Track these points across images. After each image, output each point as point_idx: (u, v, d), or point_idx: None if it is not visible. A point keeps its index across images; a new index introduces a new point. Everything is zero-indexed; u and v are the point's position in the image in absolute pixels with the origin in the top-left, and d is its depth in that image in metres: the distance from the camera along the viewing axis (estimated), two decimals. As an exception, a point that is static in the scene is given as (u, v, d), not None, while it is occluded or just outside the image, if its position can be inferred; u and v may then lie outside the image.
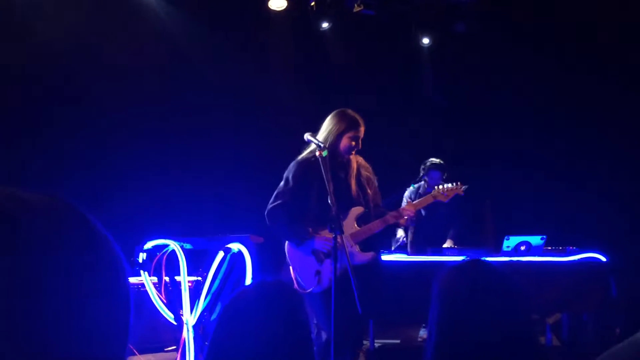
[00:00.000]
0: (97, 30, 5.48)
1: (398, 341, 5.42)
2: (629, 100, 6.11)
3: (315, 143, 3.26)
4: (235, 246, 3.28)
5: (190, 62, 5.96)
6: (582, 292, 4.67)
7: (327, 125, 3.43)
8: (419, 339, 5.46)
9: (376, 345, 4.83)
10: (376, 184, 3.58)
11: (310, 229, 3.32)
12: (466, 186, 3.76)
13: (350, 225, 3.38)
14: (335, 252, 3.03)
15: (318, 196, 3.30)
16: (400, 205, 5.61)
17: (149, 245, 3.37)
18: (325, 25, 6.92)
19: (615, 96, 6.18)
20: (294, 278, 3.36)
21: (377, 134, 6.84)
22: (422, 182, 5.53)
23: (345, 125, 3.38)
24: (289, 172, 3.41)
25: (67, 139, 5.48)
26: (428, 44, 7.41)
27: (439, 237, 5.49)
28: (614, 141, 6.26)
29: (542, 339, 5.17)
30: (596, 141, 6.39)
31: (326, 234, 3.28)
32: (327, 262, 3.27)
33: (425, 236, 5.53)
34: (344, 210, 3.36)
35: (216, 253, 3.27)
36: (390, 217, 3.43)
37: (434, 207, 5.55)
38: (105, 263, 0.75)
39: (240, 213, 5.13)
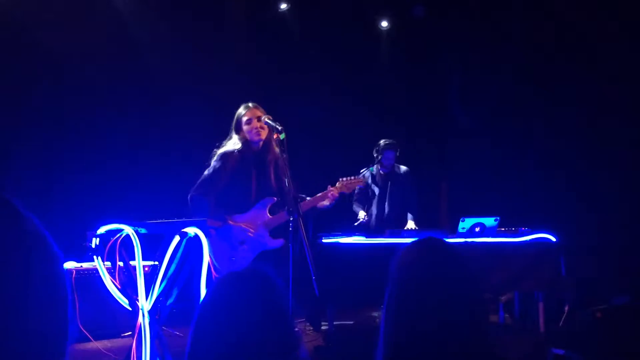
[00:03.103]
0: (38, 10, 5.27)
1: (355, 323, 5.48)
2: (582, 81, 6.25)
3: (272, 126, 3.47)
4: (191, 230, 3.23)
5: (143, 43, 5.80)
6: (533, 271, 4.80)
7: (233, 121, 3.75)
8: (376, 320, 5.54)
9: (335, 326, 4.87)
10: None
11: (228, 217, 3.58)
12: (364, 180, 4.15)
13: (262, 213, 3.64)
14: (295, 234, 3.11)
15: (240, 185, 3.61)
16: (354, 192, 5.66)
17: (102, 230, 3.28)
18: (283, 6, 6.85)
19: (568, 76, 6.33)
20: (210, 263, 3.40)
21: (334, 115, 6.90)
22: (376, 165, 5.59)
23: (240, 112, 3.71)
24: (215, 162, 3.64)
25: (18, 123, 5.28)
26: (387, 27, 7.43)
27: (394, 215, 5.59)
28: (564, 122, 6.42)
29: (496, 317, 5.33)
30: (547, 123, 6.55)
31: (244, 222, 3.58)
32: (242, 249, 3.57)
33: (380, 215, 5.63)
34: (259, 199, 3.64)
35: (172, 237, 3.20)
36: (308, 202, 3.68)
37: (387, 186, 5.64)
38: (33, 249, 0.73)
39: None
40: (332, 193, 3.74)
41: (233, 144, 3.69)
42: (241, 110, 3.72)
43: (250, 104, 3.72)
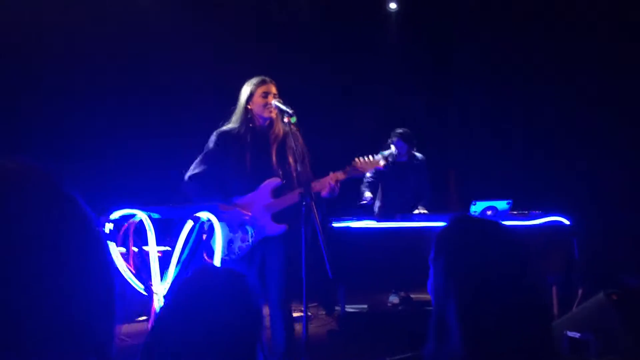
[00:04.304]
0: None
1: (368, 306, 5.49)
2: (593, 67, 6.19)
3: (282, 109, 3.28)
4: (204, 215, 3.23)
5: (153, 27, 5.77)
6: (546, 254, 4.78)
7: (240, 94, 3.47)
8: (388, 304, 5.54)
9: (346, 310, 4.89)
10: (307, 159, 3.47)
11: (226, 199, 3.35)
12: (384, 161, 3.61)
13: (264, 196, 3.35)
14: (307, 218, 3.05)
15: (237, 167, 3.36)
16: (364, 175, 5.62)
17: (115, 215, 3.29)
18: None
19: (580, 62, 6.25)
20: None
21: (342, 99, 6.86)
22: (391, 151, 5.51)
23: (253, 84, 3.42)
24: (210, 142, 3.44)
25: (31, 107, 5.29)
26: (395, 9, 7.36)
27: (406, 204, 5.52)
28: (576, 106, 6.35)
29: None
30: (558, 106, 6.48)
31: (241, 205, 3.34)
32: (239, 233, 3.35)
33: (394, 203, 5.56)
34: (260, 180, 3.36)
35: (185, 222, 3.21)
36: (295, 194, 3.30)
37: (402, 175, 5.59)
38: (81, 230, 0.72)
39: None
40: (331, 181, 3.32)
41: (235, 120, 3.45)
42: (255, 81, 3.43)
43: (265, 78, 3.44)
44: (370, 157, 3.51)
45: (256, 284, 1.44)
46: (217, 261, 3.20)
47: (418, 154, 5.62)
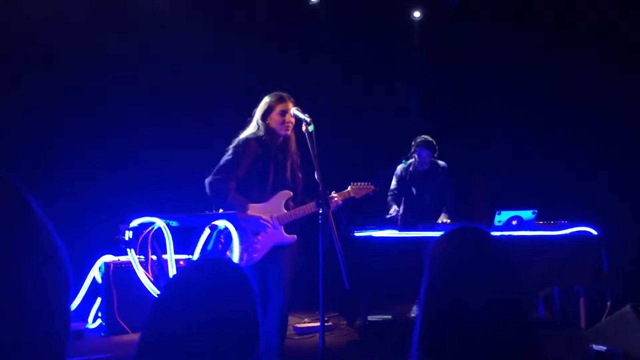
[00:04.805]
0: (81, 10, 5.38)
1: (389, 317, 5.42)
2: (620, 78, 6.05)
3: (301, 118, 3.29)
4: (221, 223, 3.24)
5: (176, 37, 5.85)
6: (573, 265, 4.67)
7: (258, 107, 3.58)
8: (412, 315, 5.46)
9: (369, 320, 4.83)
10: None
11: (248, 206, 3.46)
12: (377, 188, 3.91)
13: (277, 207, 3.52)
14: (324, 226, 3.04)
15: (259, 174, 3.49)
16: (391, 182, 5.59)
17: (134, 223, 3.33)
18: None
19: (607, 73, 6.12)
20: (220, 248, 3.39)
21: (366, 107, 6.84)
22: (413, 159, 5.45)
23: (273, 100, 3.52)
24: (236, 147, 3.50)
25: (53, 117, 5.39)
26: (419, 17, 7.32)
27: (429, 213, 5.44)
28: (604, 115, 6.20)
29: (535, 313, 5.19)
30: (586, 116, 6.34)
31: (262, 214, 3.46)
32: (255, 240, 3.45)
33: (416, 213, 5.48)
34: (275, 192, 3.53)
35: (203, 230, 3.23)
36: (310, 206, 3.53)
37: (425, 184, 5.52)
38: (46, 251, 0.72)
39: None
40: (336, 200, 3.60)
41: (255, 131, 3.54)
42: (274, 98, 3.53)
43: (284, 95, 3.54)
44: (365, 183, 3.79)
45: (255, 283, 1.43)
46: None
47: (440, 162, 5.54)
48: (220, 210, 3.43)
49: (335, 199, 3.61)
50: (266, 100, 3.56)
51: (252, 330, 1.34)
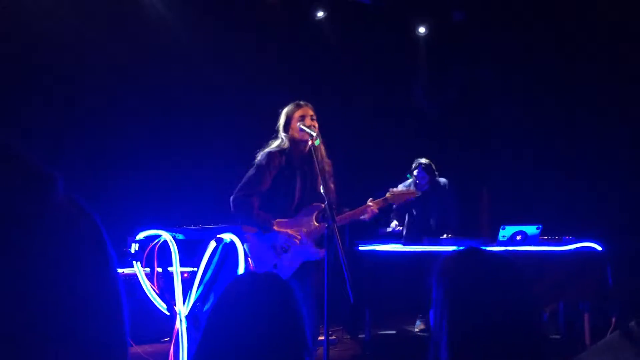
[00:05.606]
0: (90, 20, 5.43)
1: (394, 332, 5.41)
2: (626, 92, 6.06)
3: (307, 132, 3.31)
4: (227, 236, 3.25)
5: (183, 50, 5.90)
6: (578, 281, 4.65)
7: (279, 121, 3.53)
8: (416, 330, 5.45)
9: (373, 334, 4.82)
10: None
11: (274, 222, 3.38)
12: (419, 193, 3.84)
13: (307, 221, 3.44)
14: (328, 241, 3.05)
15: (285, 188, 3.42)
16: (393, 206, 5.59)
17: (141, 235, 3.34)
18: (320, 14, 6.87)
19: (612, 87, 6.14)
20: (251, 269, 3.37)
21: (372, 123, 6.87)
22: (412, 179, 5.48)
23: (290, 109, 3.48)
24: (259, 161, 3.44)
25: (60, 129, 5.42)
26: (424, 33, 7.37)
27: (433, 227, 5.45)
28: (608, 131, 6.22)
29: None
30: (591, 131, 6.35)
31: (291, 229, 3.38)
32: (284, 257, 3.38)
33: (420, 227, 5.49)
34: (303, 205, 3.45)
35: (209, 243, 3.24)
36: (347, 215, 3.45)
37: (426, 204, 5.52)
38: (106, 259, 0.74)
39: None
40: (372, 209, 3.46)
41: (279, 144, 3.49)
42: (292, 107, 3.48)
43: (301, 102, 3.51)
44: (406, 188, 3.63)
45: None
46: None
47: (441, 179, 5.55)
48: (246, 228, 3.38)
49: (372, 207, 3.47)
50: (284, 111, 3.52)
51: (302, 342, 1.37)
